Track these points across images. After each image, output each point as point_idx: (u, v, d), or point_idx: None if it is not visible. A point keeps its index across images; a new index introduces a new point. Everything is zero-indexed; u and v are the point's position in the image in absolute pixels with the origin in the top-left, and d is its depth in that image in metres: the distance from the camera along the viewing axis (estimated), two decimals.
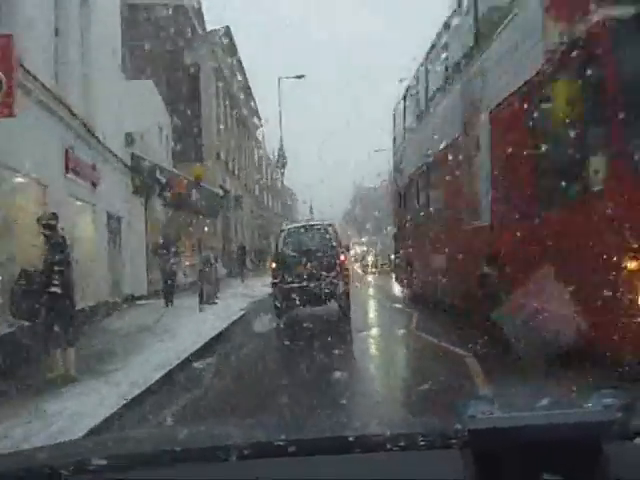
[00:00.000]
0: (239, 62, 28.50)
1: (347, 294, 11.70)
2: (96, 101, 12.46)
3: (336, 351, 7.53)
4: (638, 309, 4.90)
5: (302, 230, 13.06)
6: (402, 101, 14.80)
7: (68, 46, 11.09)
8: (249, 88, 31.10)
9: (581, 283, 5.22)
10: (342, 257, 11.92)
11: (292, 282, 11.42)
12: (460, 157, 9.35)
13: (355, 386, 6.37)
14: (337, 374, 6.00)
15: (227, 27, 28.98)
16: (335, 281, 11.33)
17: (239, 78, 29.62)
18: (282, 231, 13.28)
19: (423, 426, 1.62)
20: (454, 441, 1.23)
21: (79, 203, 11.83)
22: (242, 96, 31.16)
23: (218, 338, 9.96)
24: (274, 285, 11.99)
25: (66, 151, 10.72)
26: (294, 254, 11.74)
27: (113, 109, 13.72)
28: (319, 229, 12.77)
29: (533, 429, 1.07)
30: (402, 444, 1.30)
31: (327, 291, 11.32)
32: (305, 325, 10.59)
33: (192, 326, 10.70)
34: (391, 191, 19.88)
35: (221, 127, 29.17)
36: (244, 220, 36.62)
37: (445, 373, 6.32)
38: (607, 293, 4.93)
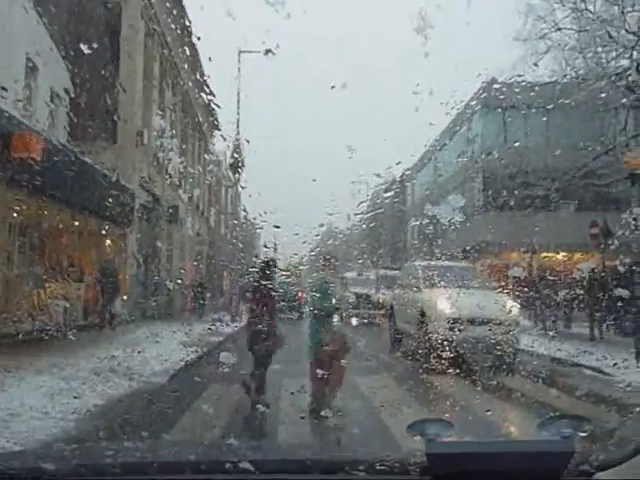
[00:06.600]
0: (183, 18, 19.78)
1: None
2: None
3: None
4: None
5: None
6: None
7: None
8: (200, 64, 22.16)
9: None
10: (300, 294, 20.17)
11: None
12: None
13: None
14: None
15: None
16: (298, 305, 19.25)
17: (184, 39, 20.90)
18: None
19: (381, 447, 1.82)
20: (412, 467, 1.21)
21: None
22: (186, 66, 22.44)
23: None
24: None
25: None
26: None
27: None
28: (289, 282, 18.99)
29: (492, 457, 1.05)
30: (361, 468, 1.29)
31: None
32: None
33: None
34: None
35: (153, 103, 20.36)
36: (185, 243, 27.47)
37: None
38: None
